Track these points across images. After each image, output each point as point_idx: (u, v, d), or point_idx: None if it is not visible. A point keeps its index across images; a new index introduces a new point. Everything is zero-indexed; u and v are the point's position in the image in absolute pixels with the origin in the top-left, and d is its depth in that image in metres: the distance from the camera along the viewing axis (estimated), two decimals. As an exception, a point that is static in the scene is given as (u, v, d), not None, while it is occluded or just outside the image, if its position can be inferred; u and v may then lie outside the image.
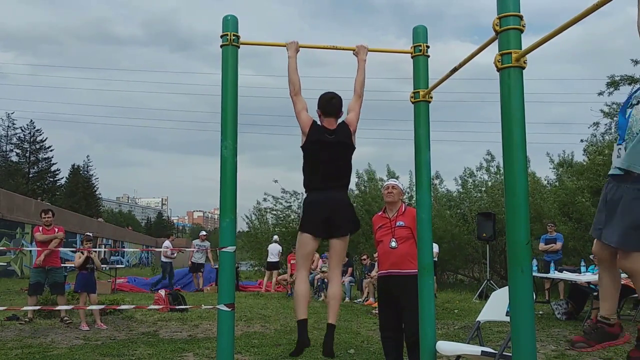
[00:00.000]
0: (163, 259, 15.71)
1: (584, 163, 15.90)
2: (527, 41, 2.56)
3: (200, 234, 17.89)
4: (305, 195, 3.85)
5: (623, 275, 9.49)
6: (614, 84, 15.43)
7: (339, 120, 3.86)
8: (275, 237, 17.14)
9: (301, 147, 3.80)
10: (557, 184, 17.33)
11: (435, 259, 13.44)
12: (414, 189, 15.81)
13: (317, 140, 3.73)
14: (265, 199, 23.40)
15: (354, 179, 21.49)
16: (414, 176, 4.09)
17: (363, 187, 21.02)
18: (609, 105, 15.83)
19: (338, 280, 3.95)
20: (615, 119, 15.83)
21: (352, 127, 3.83)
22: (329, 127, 3.77)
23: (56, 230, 9.01)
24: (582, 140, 16.97)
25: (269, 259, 15.90)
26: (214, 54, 3.73)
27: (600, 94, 15.79)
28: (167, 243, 16.73)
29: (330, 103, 3.81)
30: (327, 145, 3.72)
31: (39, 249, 8.82)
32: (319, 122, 3.82)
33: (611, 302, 2.60)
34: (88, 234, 12.17)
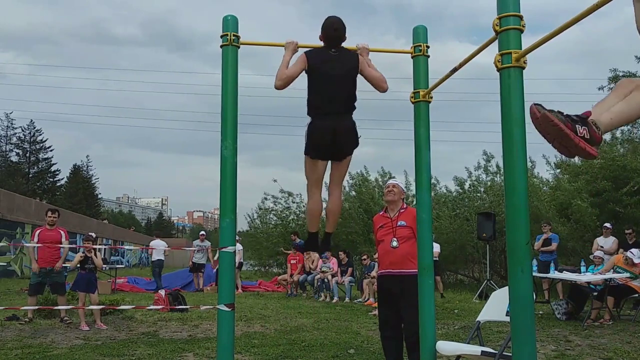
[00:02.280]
0: (161, 257, 15.84)
1: (579, 164, 15.86)
2: (527, 41, 2.56)
3: (200, 234, 17.91)
4: (309, 121, 3.77)
5: (622, 275, 9.41)
6: (615, 79, 15.38)
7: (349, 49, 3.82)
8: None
9: (306, 71, 3.73)
10: (554, 184, 17.31)
11: (437, 259, 13.52)
12: (410, 188, 15.60)
13: (320, 56, 3.70)
14: (266, 199, 23.44)
15: (351, 181, 21.53)
16: (413, 176, 4.09)
17: (358, 188, 21.04)
18: None
19: (338, 195, 4.02)
20: None
21: (362, 64, 3.76)
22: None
23: (61, 232, 8.98)
24: None
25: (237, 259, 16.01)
26: (214, 53, 3.73)
27: (601, 88, 15.76)
28: (161, 242, 16.98)
29: (332, 28, 3.73)
30: (330, 60, 3.69)
31: (39, 245, 8.77)
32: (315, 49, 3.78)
33: (612, 116, 2.16)
34: (90, 234, 12.18)
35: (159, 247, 15.82)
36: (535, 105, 2.18)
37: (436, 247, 13.60)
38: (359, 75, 3.80)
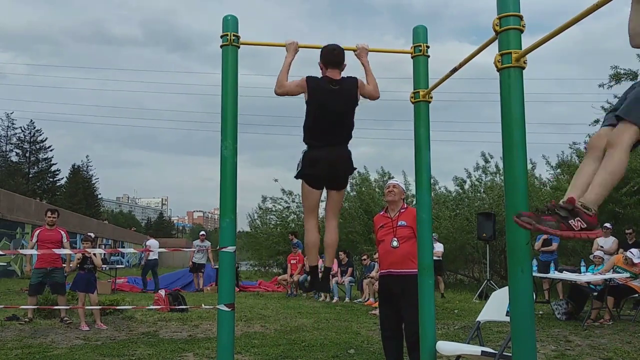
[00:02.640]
0: (156, 256, 16.04)
1: (579, 165, 15.82)
2: (527, 41, 2.56)
3: (200, 234, 17.91)
4: (305, 149, 3.76)
5: (622, 275, 9.41)
6: (616, 76, 15.29)
7: (348, 77, 3.80)
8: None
9: (306, 101, 3.72)
10: (555, 183, 17.30)
11: (440, 258, 13.56)
12: (410, 188, 15.57)
13: (320, 89, 3.68)
14: (264, 200, 23.45)
15: (352, 181, 21.51)
16: (413, 176, 4.09)
17: (357, 187, 21.04)
18: (610, 103, 15.81)
19: (335, 227, 3.97)
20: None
21: (361, 87, 3.76)
22: (333, 77, 3.73)
23: (61, 232, 8.98)
24: (573, 143, 16.93)
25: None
26: (214, 53, 3.73)
27: (601, 85, 15.68)
28: (155, 242, 17.21)
29: (332, 54, 3.74)
30: (330, 94, 3.67)
31: (39, 252, 8.76)
32: (317, 76, 3.77)
33: (598, 191, 2.20)
34: (89, 234, 12.21)
35: (155, 246, 15.97)
36: (520, 219, 2.18)
37: (439, 247, 13.62)
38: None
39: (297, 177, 3.80)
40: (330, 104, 3.65)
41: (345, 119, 3.74)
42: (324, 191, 3.91)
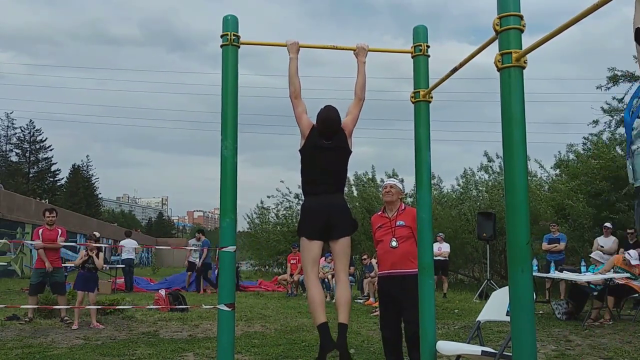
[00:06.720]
0: (131, 256, 15.90)
1: (577, 166, 15.80)
2: (527, 41, 2.56)
3: (197, 233, 17.85)
4: (303, 199, 3.91)
5: (622, 275, 9.40)
6: (614, 78, 15.26)
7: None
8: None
9: (299, 150, 3.83)
10: (552, 184, 17.27)
11: (447, 259, 13.53)
12: (410, 187, 15.45)
13: (315, 146, 3.76)
14: (273, 196, 23.33)
15: (353, 180, 21.50)
16: (413, 176, 4.09)
17: (362, 187, 21.01)
18: (609, 104, 15.75)
19: (346, 282, 3.96)
20: (615, 116, 15.72)
21: (347, 129, 3.85)
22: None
23: (59, 231, 8.99)
24: (570, 144, 16.90)
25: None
26: (214, 53, 3.74)
27: (599, 87, 15.65)
28: (132, 241, 16.79)
29: (331, 128, 3.79)
30: (325, 151, 3.76)
31: (39, 241, 8.74)
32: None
33: None
34: (95, 233, 12.25)
35: (129, 246, 15.91)
36: None
37: (446, 247, 13.56)
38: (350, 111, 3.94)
39: (298, 234, 3.90)
40: (323, 159, 3.76)
41: (337, 171, 3.85)
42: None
